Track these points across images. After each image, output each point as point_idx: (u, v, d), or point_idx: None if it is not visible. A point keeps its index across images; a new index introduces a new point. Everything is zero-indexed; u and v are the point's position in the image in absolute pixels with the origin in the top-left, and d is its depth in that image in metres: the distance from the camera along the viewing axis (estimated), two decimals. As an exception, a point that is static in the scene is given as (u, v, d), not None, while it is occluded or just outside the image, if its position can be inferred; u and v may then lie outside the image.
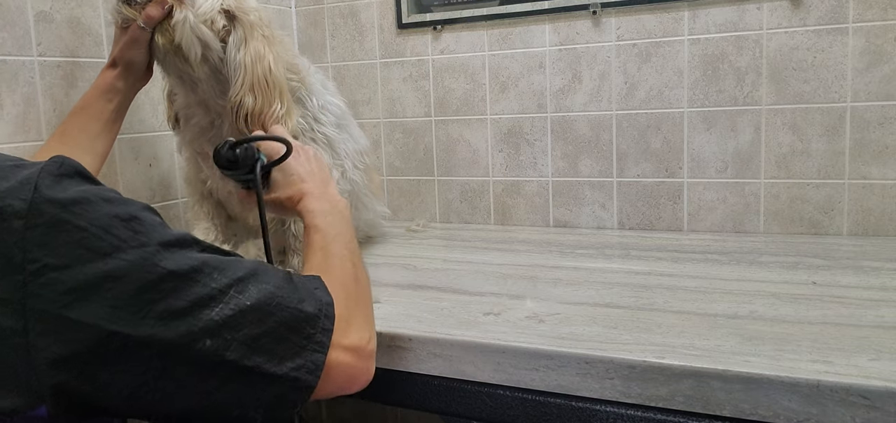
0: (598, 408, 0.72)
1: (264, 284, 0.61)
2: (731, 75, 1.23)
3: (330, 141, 1.10)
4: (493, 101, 1.43)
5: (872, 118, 1.16)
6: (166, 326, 0.54)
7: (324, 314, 0.64)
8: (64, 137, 0.96)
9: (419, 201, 1.54)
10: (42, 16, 1.08)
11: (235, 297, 0.58)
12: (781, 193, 1.23)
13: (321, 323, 0.64)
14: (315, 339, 0.63)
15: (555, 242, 1.27)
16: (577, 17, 1.33)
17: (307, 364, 0.62)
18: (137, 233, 0.54)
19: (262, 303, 0.59)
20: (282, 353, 0.60)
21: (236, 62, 0.96)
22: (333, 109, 1.12)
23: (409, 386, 0.82)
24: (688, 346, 0.71)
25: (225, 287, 0.57)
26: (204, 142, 1.06)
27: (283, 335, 0.60)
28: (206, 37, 0.95)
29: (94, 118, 0.98)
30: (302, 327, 0.62)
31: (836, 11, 1.15)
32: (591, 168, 1.36)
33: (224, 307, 0.57)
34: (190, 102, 1.04)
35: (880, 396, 0.61)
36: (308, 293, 0.65)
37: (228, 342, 0.56)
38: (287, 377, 0.60)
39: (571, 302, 0.88)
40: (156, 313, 0.53)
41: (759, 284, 0.93)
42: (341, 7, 1.54)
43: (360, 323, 0.69)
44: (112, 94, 0.99)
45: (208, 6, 0.95)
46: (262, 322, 0.59)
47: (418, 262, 1.15)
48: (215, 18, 0.96)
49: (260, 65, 0.97)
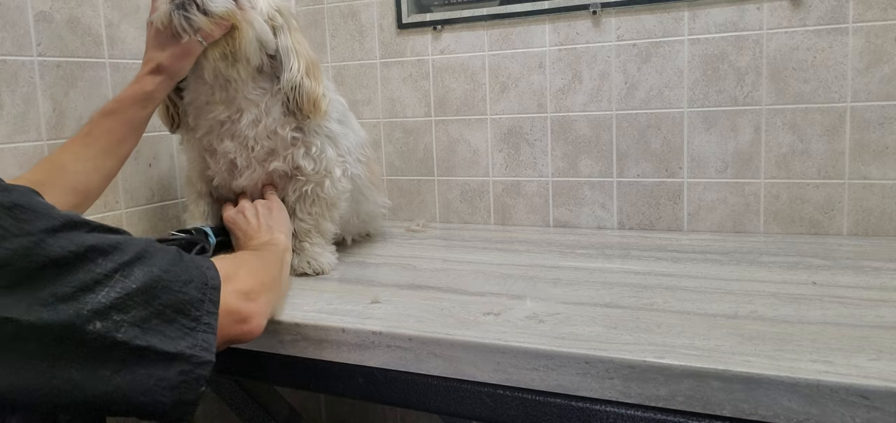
0: (598, 408, 0.72)
1: (151, 266, 0.62)
2: (731, 75, 1.23)
3: (334, 136, 1.10)
4: (493, 101, 1.43)
5: (872, 118, 1.16)
6: (54, 310, 0.55)
7: (208, 298, 0.66)
8: (89, 138, 0.96)
9: (419, 201, 1.54)
10: (42, 16, 1.08)
11: (121, 280, 0.59)
12: (781, 193, 1.23)
13: (206, 306, 0.65)
14: (203, 321, 0.64)
15: (555, 242, 1.27)
16: (577, 17, 1.33)
17: (200, 343, 0.63)
18: (20, 221, 0.55)
19: (148, 285, 0.61)
20: (173, 334, 0.62)
21: (286, 49, 1.02)
22: (336, 105, 1.13)
23: (409, 386, 0.82)
24: (688, 346, 0.71)
25: (110, 271, 0.58)
26: (215, 138, 1.07)
27: (172, 317, 0.62)
28: (267, 37, 1.01)
29: (125, 123, 0.97)
30: (188, 309, 0.64)
31: (836, 11, 1.15)
32: (591, 168, 1.36)
33: (110, 290, 0.58)
34: (211, 99, 1.04)
35: (880, 396, 0.61)
36: (196, 274, 0.66)
37: (118, 324, 0.58)
38: (183, 354, 0.62)
39: (571, 302, 0.88)
40: (42, 300, 0.54)
41: (759, 284, 0.93)
42: (341, 7, 1.54)
43: (250, 277, 0.75)
44: (148, 101, 0.98)
45: (265, 5, 1.01)
46: (149, 304, 0.60)
47: (418, 262, 1.15)
48: (274, 16, 1.02)
49: (309, 51, 1.06)
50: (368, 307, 0.90)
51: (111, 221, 1.19)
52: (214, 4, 0.94)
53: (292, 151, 1.06)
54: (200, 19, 0.94)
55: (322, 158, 1.07)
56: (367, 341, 0.82)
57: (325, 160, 1.08)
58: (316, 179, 1.08)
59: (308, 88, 1.03)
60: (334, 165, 1.09)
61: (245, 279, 0.74)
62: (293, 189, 1.09)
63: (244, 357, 0.92)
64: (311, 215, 1.09)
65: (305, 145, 1.07)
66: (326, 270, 1.09)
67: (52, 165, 0.93)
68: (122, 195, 1.22)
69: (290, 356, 0.88)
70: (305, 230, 1.09)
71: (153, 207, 1.28)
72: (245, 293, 0.72)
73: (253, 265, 0.80)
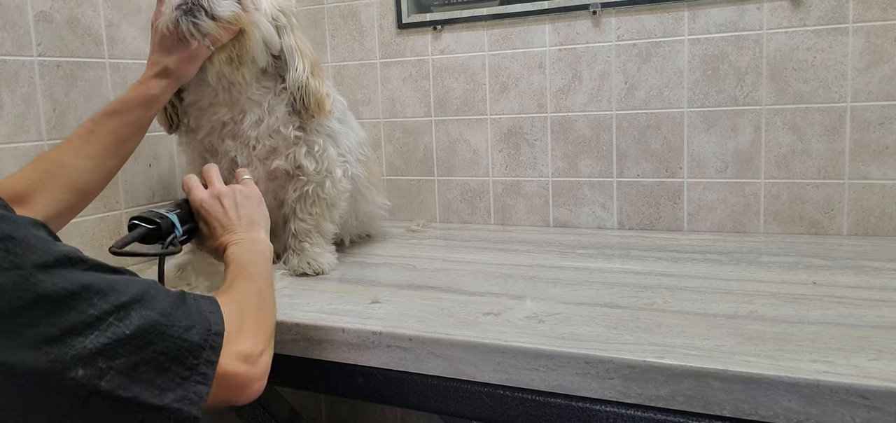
0: (598, 408, 0.72)
1: (149, 310, 0.58)
2: (731, 75, 1.23)
3: (335, 135, 1.11)
4: (493, 101, 1.43)
5: (872, 118, 1.16)
6: (37, 352, 0.51)
7: (209, 345, 0.62)
8: (92, 136, 0.94)
9: (419, 201, 1.54)
10: (42, 16, 1.08)
11: (114, 324, 0.55)
12: (781, 193, 1.23)
13: (205, 354, 0.61)
14: (199, 370, 0.60)
15: (555, 242, 1.26)
16: (577, 17, 1.33)
17: (190, 395, 0.59)
18: (11, 254, 0.52)
19: (143, 331, 0.57)
20: (163, 384, 0.58)
21: (290, 49, 1.03)
22: (336, 105, 1.13)
23: (409, 386, 0.82)
24: (688, 346, 0.71)
25: (104, 313, 0.55)
26: (216, 139, 1.07)
27: (165, 366, 0.58)
28: (273, 39, 1.02)
29: (129, 124, 0.96)
30: (185, 357, 0.60)
31: (836, 11, 1.15)
32: (591, 168, 1.36)
33: (100, 335, 0.54)
34: (214, 101, 1.04)
35: (880, 396, 0.61)
36: (199, 318, 0.63)
37: (103, 372, 0.54)
38: (169, 408, 0.58)
39: (571, 302, 0.88)
40: (28, 340, 0.51)
41: (759, 284, 0.93)
42: (341, 7, 1.54)
43: (253, 334, 0.69)
44: (153, 103, 0.97)
45: (268, 6, 1.02)
46: (142, 351, 0.57)
47: (418, 262, 1.15)
48: (278, 16, 1.03)
49: (311, 50, 1.06)
50: (368, 307, 0.90)
51: (111, 220, 1.19)
52: (222, 9, 0.94)
53: (295, 150, 1.06)
54: (208, 24, 0.94)
55: (324, 158, 1.08)
56: (367, 341, 0.82)
57: (326, 159, 1.08)
58: (317, 180, 1.08)
59: (314, 88, 1.04)
60: (335, 165, 1.09)
61: (248, 337, 0.68)
62: (294, 188, 1.09)
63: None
64: (312, 215, 1.09)
65: (307, 144, 1.07)
66: (326, 270, 1.09)
67: (51, 162, 0.91)
68: (122, 195, 1.22)
69: (290, 356, 0.88)
70: (306, 230, 1.09)
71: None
72: (247, 356, 0.67)
73: (255, 312, 0.73)
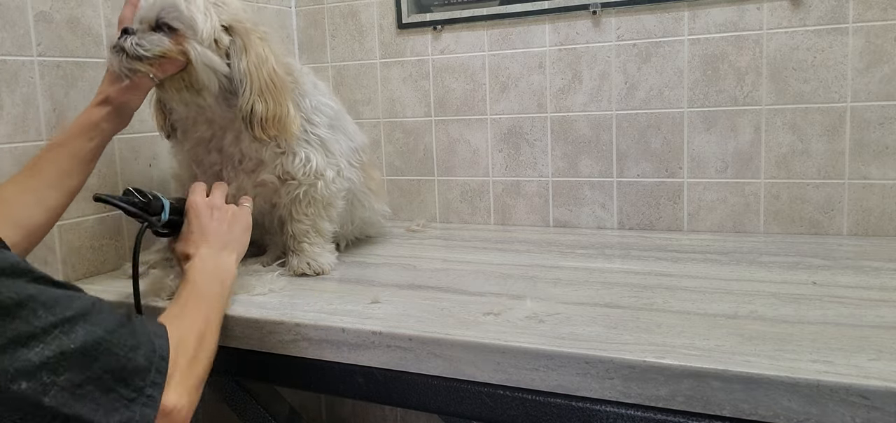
0: (598, 408, 0.72)
1: (95, 325, 0.57)
2: (731, 75, 1.23)
3: (323, 142, 1.10)
4: (493, 101, 1.43)
5: (872, 118, 1.16)
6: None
7: (155, 368, 0.61)
8: (34, 169, 0.91)
9: (419, 201, 1.54)
10: (42, 16, 1.08)
11: (59, 337, 0.54)
12: (781, 193, 1.23)
13: (151, 376, 0.61)
14: (145, 393, 0.60)
15: (555, 242, 1.26)
16: (577, 17, 1.33)
17: (137, 418, 0.58)
18: None
19: (88, 346, 0.56)
20: (108, 404, 0.56)
21: (241, 72, 0.97)
22: (326, 110, 1.12)
23: (409, 386, 0.82)
24: (688, 346, 0.71)
25: (49, 326, 0.54)
26: (202, 151, 1.08)
27: (110, 386, 0.57)
28: (214, 63, 0.97)
29: (71, 155, 0.94)
30: (131, 378, 0.59)
31: (836, 11, 1.15)
32: (591, 168, 1.36)
33: (45, 348, 0.53)
34: (192, 118, 1.05)
35: (880, 396, 0.60)
36: (144, 340, 0.62)
37: (47, 386, 0.53)
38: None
39: (571, 302, 0.88)
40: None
41: (759, 284, 0.93)
42: (341, 7, 1.54)
43: (183, 381, 0.67)
44: (94, 133, 0.96)
45: (209, 28, 0.96)
46: (87, 368, 0.55)
47: (418, 262, 1.15)
48: (220, 37, 0.97)
49: (264, 68, 0.99)
50: (368, 307, 0.90)
51: (111, 220, 1.19)
52: (147, 48, 0.93)
53: (281, 161, 1.06)
54: (136, 64, 0.94)
55: (309, 166, 1.06)
56: (367, 341, 0.82)
57: (311, 168, 1.07)
58: (308, 182, 1.07)
59: (262, 113, 0.97)
60: (325, 168, 1.09)
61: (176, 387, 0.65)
62: (286, 191, 1.08)
63: (244, 357, 0.92)
64: (308, 215, 1.09)
65: (292, 153, 1.06)
66: (326, 270, 1.09)
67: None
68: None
69: (290, 356, 0.88)
70: (303, 231, 1.09)
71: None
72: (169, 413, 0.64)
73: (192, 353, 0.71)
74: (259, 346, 0.89)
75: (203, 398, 0.74)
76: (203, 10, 0.95)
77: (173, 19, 0.95)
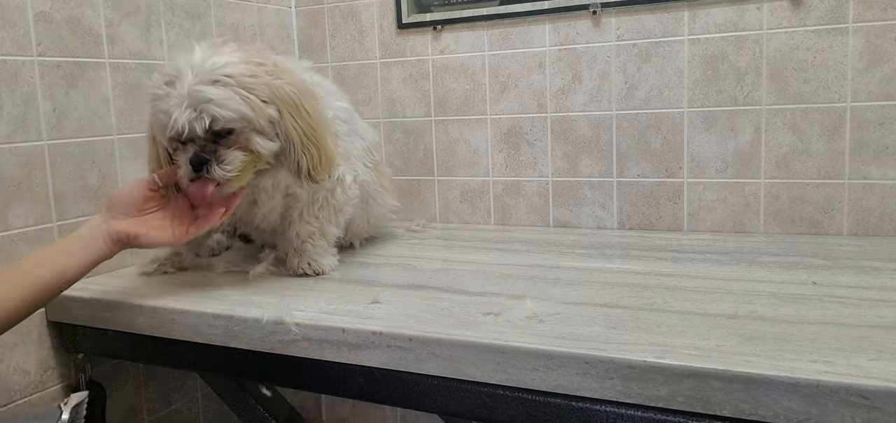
0: (598, 408, 0.72)
1: None
2: (731, 75, 1.23)
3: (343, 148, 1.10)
4: (493, 101, 1.43)
5: (872, 118, 1.16)
6: None
7: None
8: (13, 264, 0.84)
9: (419, 201, 1.54)
10: (42, 16, 1.08)
11: None
12: (781, 193, 1.23)
13: None
14: None
15: (555, 242, 1.26)
16: (577, 17, 1.33)
17: None
18: None
19: None
20: None
21: (282, 135, 0.96)
22: (343, 115, 1.13)
23: (409, 386, 0.82)
24: (688, 346, 0.71)
25: None
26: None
27: None
28: (274, 148, 0.96)
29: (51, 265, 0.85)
30: None
31: (836, 11, 1.15)
32: (591, 168, 1.36)
33: None
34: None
35: (880, 396, 0.60)
36: None
37: None
38: None
39: (571, 302, 0.88)
40: None
41: (759, 284, 0.93)
42: (341, 7, 1.54)
43: None
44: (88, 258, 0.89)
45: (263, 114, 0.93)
46: None
47: (418, 262, 1.15)
48: (269, 115, 0.94)
49: (299, 120, 0.96)
50: (368, 307, 0.90)
51: (111, 221, 1.19)
52: (229, 166, 0.93)
53: None
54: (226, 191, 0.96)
55: (334, 174, 1.07)
56: (367, 341, 0.82)
57: (335, 175, 1.07)
58: (329, 186, 1.08)
59: (306, 166, 0.97)
60: (345, 174, 1.09)
61: None
62: (305, 195, 1.08)
63: (244, 357, 0.92)
64: (318, 218, 1.09)
65: None
66: (326, 271, 1.09)
67: None
68: (122, 195, 1.22)
69: (290, 356, 0.88)
70: (309, 232, 1.09)
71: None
72: None
73: None
74: (259, 346, 0.89)
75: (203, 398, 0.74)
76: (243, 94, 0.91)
77: (229, 121, 0.91)
